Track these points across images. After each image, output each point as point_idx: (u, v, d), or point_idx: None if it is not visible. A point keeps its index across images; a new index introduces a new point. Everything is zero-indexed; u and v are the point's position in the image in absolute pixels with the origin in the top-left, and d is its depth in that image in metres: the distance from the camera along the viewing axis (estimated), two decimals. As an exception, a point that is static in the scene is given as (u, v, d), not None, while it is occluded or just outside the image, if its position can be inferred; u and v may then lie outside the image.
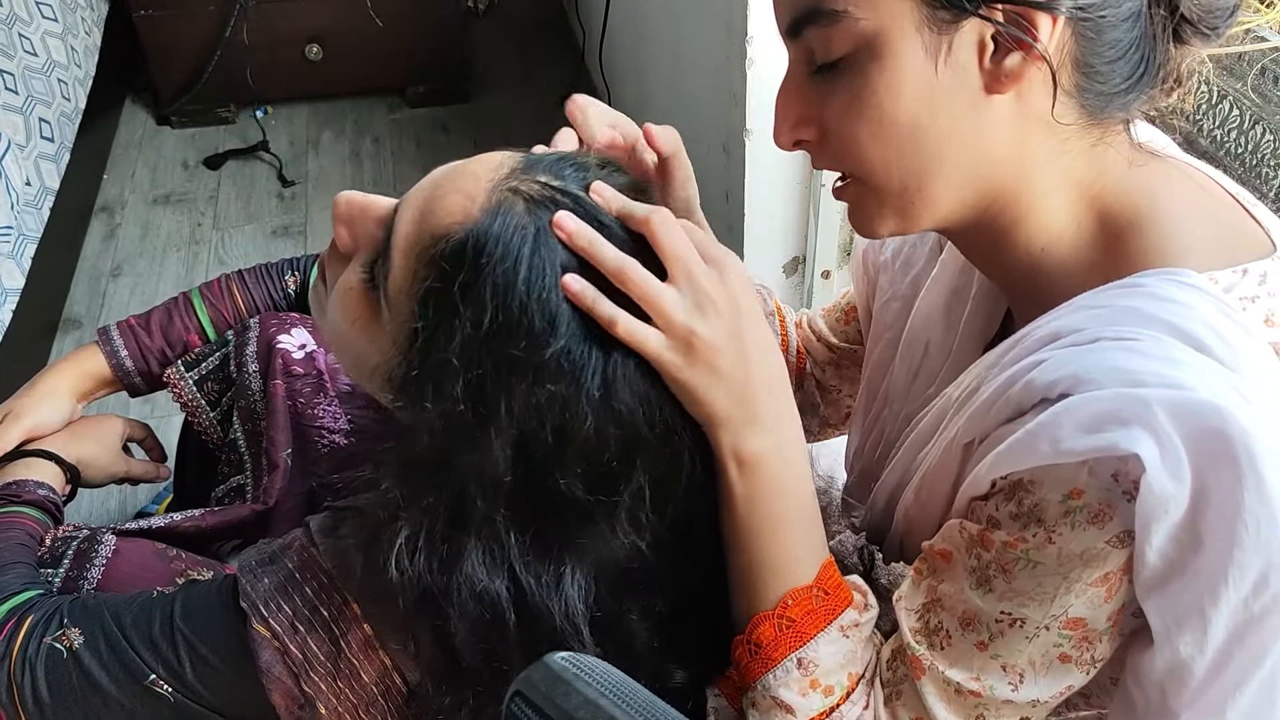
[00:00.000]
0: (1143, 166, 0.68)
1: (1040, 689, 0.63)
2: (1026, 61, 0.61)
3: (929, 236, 0.88)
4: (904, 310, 0.87)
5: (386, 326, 0.66)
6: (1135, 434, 0.55)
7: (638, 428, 0.63)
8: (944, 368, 0.81)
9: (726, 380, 0.64)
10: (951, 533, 0.66)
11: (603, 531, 0.64)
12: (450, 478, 0.62)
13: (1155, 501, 0.55)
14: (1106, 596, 0.60)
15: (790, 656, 0.65)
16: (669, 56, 1.90)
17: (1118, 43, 0.62)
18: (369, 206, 0.70)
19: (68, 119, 1.95)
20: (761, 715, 0.66)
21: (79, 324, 2.04)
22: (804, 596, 0.66)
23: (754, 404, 0.65)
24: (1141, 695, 0.61)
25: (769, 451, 0.66)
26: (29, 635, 0.74)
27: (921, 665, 0.65)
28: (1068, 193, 0.67)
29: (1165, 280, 0.62)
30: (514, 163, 0.66)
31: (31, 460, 0.99)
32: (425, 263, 0.64)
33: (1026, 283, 0.70)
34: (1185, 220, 0.66)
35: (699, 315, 0.63)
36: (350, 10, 2.47)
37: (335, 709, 0.69)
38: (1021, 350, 0.64)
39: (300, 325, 1.07)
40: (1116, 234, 0.67)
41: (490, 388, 0.61)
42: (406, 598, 0.64)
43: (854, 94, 0.63)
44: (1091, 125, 0.66)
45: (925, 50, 0.61)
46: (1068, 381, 0.59)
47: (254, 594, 0.70)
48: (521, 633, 0.64)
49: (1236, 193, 0.69)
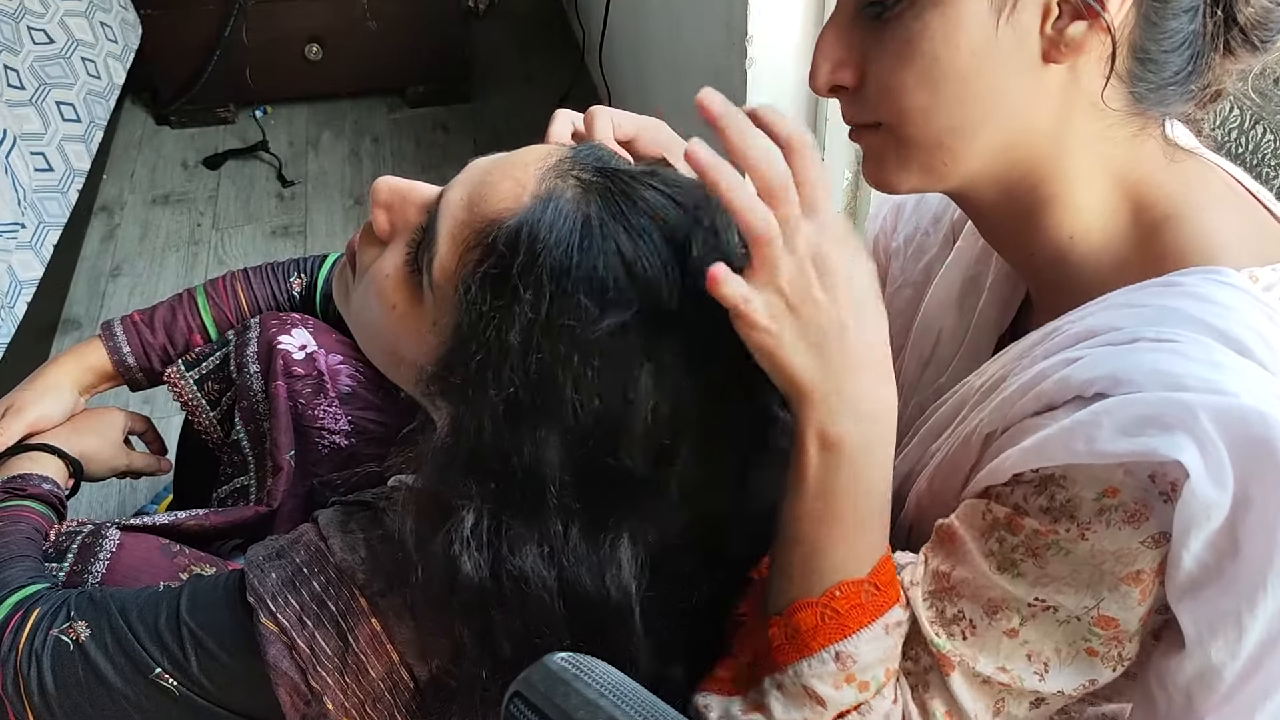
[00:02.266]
0: (1180, 163, 0.67)
1: (1064, 680, 0.62)
2: (1089, 33, 0.61)
3: (943, 223, 0.87)
4: (915, 298, 0.87)
5: (430, 313, 0.66)
6: (1179, 440, 0.54)
7: (693, 406, 0.63)
8: (956, 357, 0.80)
9: (818, 350, 0.59)
10: (973, 514, 0.64)
11: (657, 509, 0.64)
12: (507, 465, 0.62)
13: (1198, 507, 0.55)
14: (1141, 597, 0.59)
15: (829, 648, 0.62)
16: (669, 56, 1.90)
17: (1176, 33, 0.62)
18: (410, 192, 0.70)
19: (98, 97, 1.94)
20: (788, 700, 0.63)
21: (78, 324, 2.04)
22: (853, 590, 0.63)
23: (847, 381, 0.60)
24: (1165, 698, 0.61)
25: (853, 434, 0.61)
26: (35, 628, 0.74)
27: (950, 662, 0.63)
28: (1103, 181, 0.67)
29: (1205, 279, 0.61)
30: (563, 152, 0.67)
31: (35, 454, 0.99)
32: (477, 248, 0.64)
33: (1051, 271, 0.69)
34: (1221, 217, 0.65)
35: (801, 273, 0.58)
36: (350, 10, 2.47)
37: (342, 704, 0.69)
38: (1054, 345, 0.64)
39: (301, 326, 1.07)
40: (1151, 228, 0.66)
41: (551, 371, 0.61)
42: (443, 590, 0.63)
43: (907, 39, 0.62)
44: (1135, 115, 0.65)
45: (990, 5, 0.60)
46: (1105, 381, 0.58)
47: (261, 588, 0.69)
48: (573, 621, 0.63)
49: (1257, 191, 0.69)
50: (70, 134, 1.81)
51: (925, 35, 0.62)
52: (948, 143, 0.65)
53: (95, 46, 2.00)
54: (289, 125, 2.61)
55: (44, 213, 1.66)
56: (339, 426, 1.04)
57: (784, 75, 1.44)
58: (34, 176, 1.68)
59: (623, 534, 0.64)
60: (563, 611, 0.63)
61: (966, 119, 0.64)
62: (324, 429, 1.04)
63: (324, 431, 1.04)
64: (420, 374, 0.67)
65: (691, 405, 0.63)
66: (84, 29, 1.98)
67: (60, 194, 1.72)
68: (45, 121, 1.76)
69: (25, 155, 1.68)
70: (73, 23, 1.96)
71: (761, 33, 1.42)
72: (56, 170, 1.73)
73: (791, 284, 0.59)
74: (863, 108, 0.67)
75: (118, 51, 2.07)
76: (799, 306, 0.59)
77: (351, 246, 0.75)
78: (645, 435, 0.62)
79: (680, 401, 0.63)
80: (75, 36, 1.95)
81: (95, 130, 1.89)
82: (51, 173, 1.72)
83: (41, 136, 1.74)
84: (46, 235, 1.65)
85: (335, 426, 1.04)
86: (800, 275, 0.59)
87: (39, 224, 1.64)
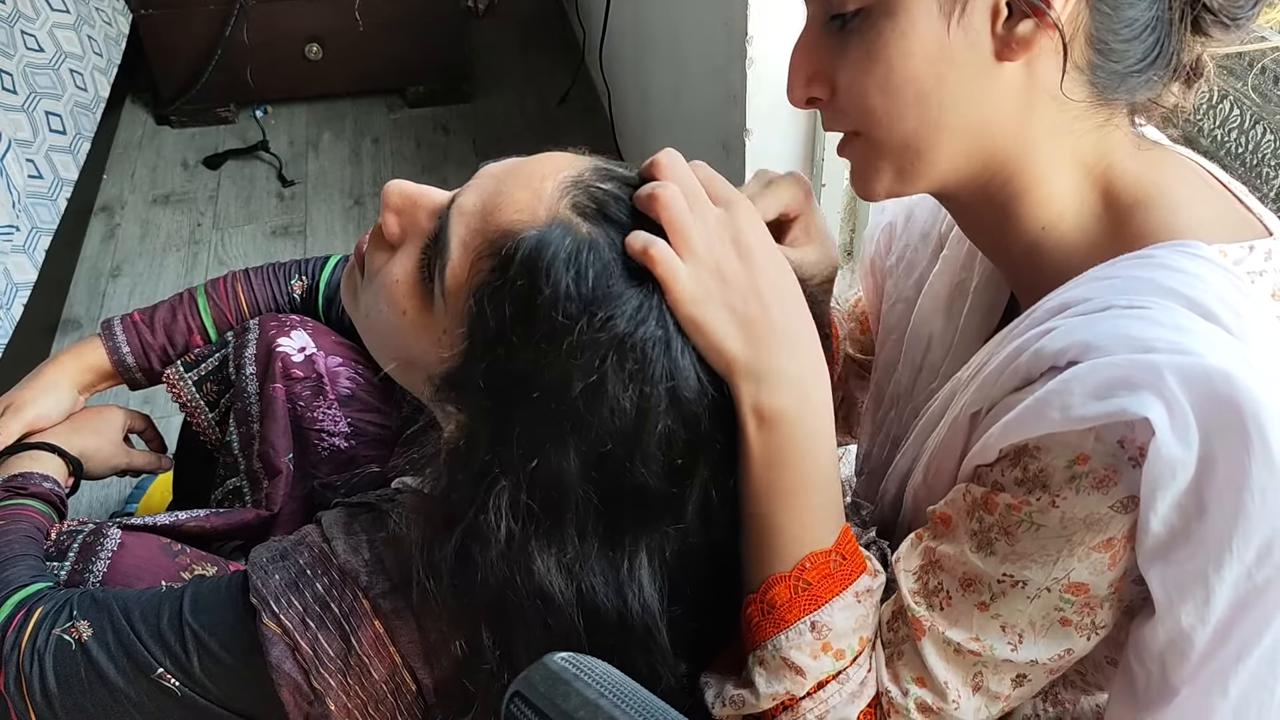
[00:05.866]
0: (1148, 151, 0.68)
1: (1039, 650, 0.63)
2: (1038, 30, 0.61)
3: (931, 238, 0.88)
4: (907, 312, 0.88)
5: (440, 320, 0.66)
6: (1145, 399, 0.55)
7: (702, 418, 0.63)
8: (946, 361, 0.81)
9: (742, 320, 0.63)
10: (956, 497, 0.67)
11: (674, 520, 0.64)
12: (520, 477, 0.62)
13: (1163, 466, 0.56)
14: (1110, 563, 0.60)
15: (804, 619, 0.65)
16: (669, 56, 1.90)
17: (1134, 21, 0.63)
18: (421, 197, 0.70)
19: (84, 109, 1.94)
20: (769, 674, 0.65)
21: (79, 324, 2.04)
22: (822, 561, 0.66)
23: (773, 353, 0.63)
24: (1143, 670, 0.61)
25: (789, 409, 0.64)
26: (38, 627, 0.74)
27: (922, 626, 0.66)
28: (1073, 171, 0.68)
29: (1177, 251, 0.62)
30: (579, 166, 0.66)
31: (35, 453, 0.99)
32: (490, 258, 0.63)
33: (1028, 262, 0.70)
34: (1191, 202, 0.66)
35: (722, 250, 0.63)
36: (350, 10, 2.47)
37: (345, 706, 0.69)
38: (1030, 321, 0.65)
39: (300, 328, 1.07)
40: (1122, 214, 0.67)
41: (563, 391, 0.61)
42: (455, 599, 0.64)
43: (865, 49, 0.64)
44: (1100, 105, 0.66)
45: (939, 10, 0.62)
46: (1077, 349, 0.59)
47: (265, 589, 0.69)
48: (592, 634, 0.63)
49: (1229, 183, 0.70)
50: (56, 144, 1.82)
51: (880, 44, 0.63)
52: (914, 144, 0.66)
53: (83, 59, 2.01)
54: (289, 125, 2.61)
55: (36, 218, 1.67)
56: (338, 429, 1.04)
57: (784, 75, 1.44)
58: (27, 182, 1.69)
59: (640, 549, 0.64)
60: (582, 625, 0.63)
61: (928, 120, 0.65)
62: (323, 431, 1.04)
63: (323, 434, 1.04)
64: (430, 380, 0.67)
65: (706, 423, 0.64)
66: (72, 42, 1.99)
67: (50, 201, 1.73)
68: (35, 130, 1.77)
69: (20, 160, 1.69)
70: (61, 35, 1.97)
71: (761, 33, 1.42)
72: (46, 178, 1.75)
73: (711, 255, 0.63)
74: (838, 117, 0.69)
75: (103, 65, 2.08)
76: (721, 278, 0.63)
77: (360, 248, 0.74)
78: (662, 452, 0.62)
79: (695, 420, 0.63)
80: (64, 49, 1.96)
81: (82, 142, 1.90)
82: (42, 180, 1.73)
83: (31, 144, 1.74)
84: (39, 240, 1.66)
85: (335, 429, 1.04)
86: (720, 247, 0.64)
87: (32, 228, 1.65)
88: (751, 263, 0.64)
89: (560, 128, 2.58)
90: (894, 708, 0.66)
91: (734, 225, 0.65)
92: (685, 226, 0.63)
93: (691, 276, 0.62)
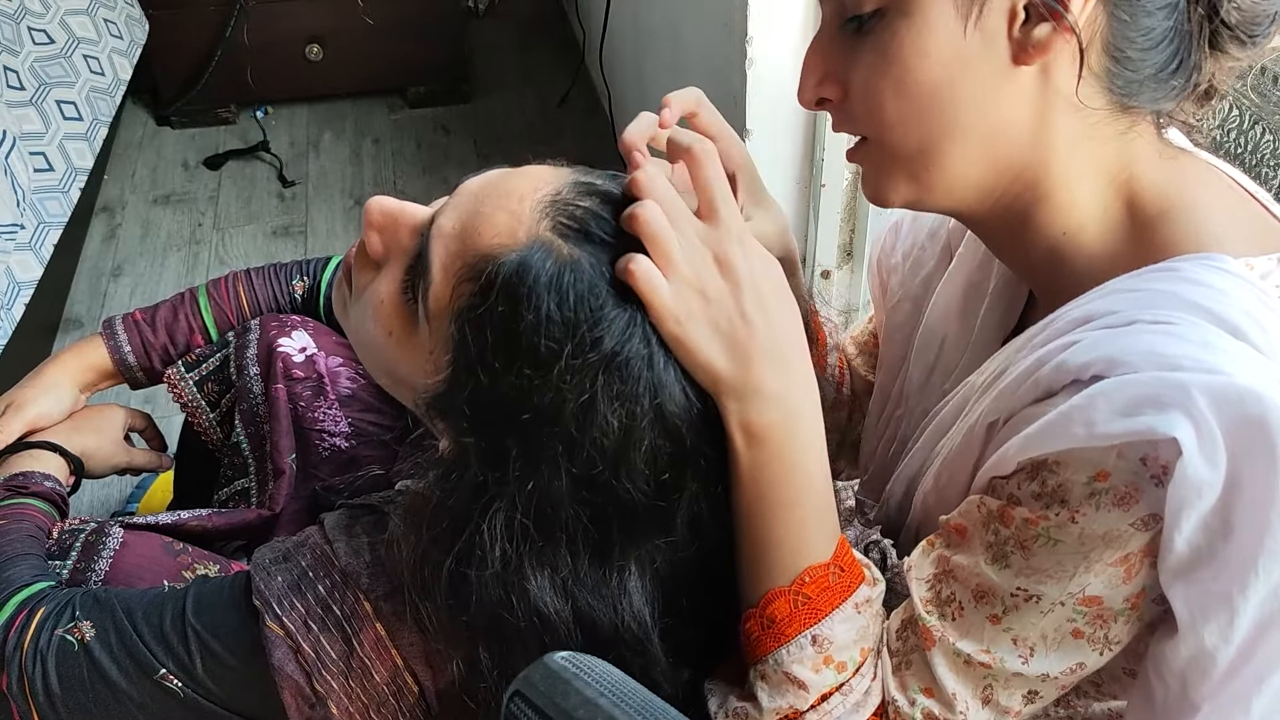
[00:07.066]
0: (1173, 159, 0.68)
1: (1050, 663, 0.63)
2: (1055, 34, 0.61)
3: (939, 237, 0.88)
4: (915, 310, 0.87)
5: (425, 342, 0.66)
6: (1173, 418, 0.55)
7: (688, 433, 0.63)
8: (961, 362, 0.81)
9: (726, 338, 0.62)
10: (970, 508, 0.66)
11: (663, 533, 0.64)
12: (510, 495, 0.62)
13: (1189, 486, 0.55)
14: (1125, 577, 0.60)
15: (805, 633, 0.64)
16: (669, 57, 1.91)
17: (1151, 30, 0.63)
18: (401, 214, 0.69)
19: (101, 94, 1.93)
20: (772, 689, 0.65)
21: (79, 324, 2.04)
22: (821, 574, 0.65)
23: (759, 370, 0.62)
24: (1162, 686, 0.61)
25: (777, 424, 0.63)
26: (40, 627, 0.74)
27: (933, 636, 0.65)
28: (1095, 178, 0.67)
29: (1202, 265, 0.61)
30: (557, 182, 0.65)
31: (36, 452, 0.99)
32: (470, 281, 0.63)
33: (1048, 268, 0.70)
34: (1217, 211, 0.66)
35: (705, 267, 0.62)
36: (350, 10, 2.47)
37: (346, 708, 0.69)
38: (1052, 332, 0.64)
39: (300, 328, 1.07)
40: (1146, 223, 0.66)
41: (548, 415, 0.61)
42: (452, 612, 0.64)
43: (880, 51, 0.64)
44: (1120, 113, 0.66)
45: (956, 12, 0.62)
46: (1101, 364, 0.59)
47: (267, 591, 0.69)
48: (589, 649, 0.63)
49: (1256, 192, 0.70)
50: (72, 132, 1.80)
51: (896, 45, 0.63)
52: (929, 149, 0.66)
53: (99, 43, 1.99)
54: (290, 125, 2.61)
55: (44, 213, 1.66)
56: (339, 429, 1.04)
57: (784, 75, 1.44)
58: (33, 177, 1.68)
59: (630, 563, 0.64)
60: (580, 641, 0.63)
61: (944, 124, 0.65)
62: (324, 431, 1.04)
63: (324, 434, 1.04)
64: (418, 401, 0.66)
65: (693, 437, 0.63)
66: (86, 27, 1.98)
67: (62, 193, 1.71)
68: (46, 121, 1.76)
69: (25, 156, 1.68)
70: (74, 21, 1.96)
71: (761, 33, 1.42)
72: (57, 170, 1.73)
73: (693, 271, 0.62)
74: (849, 120, 0.69)
75: (124, 47, 2.06)
76: (704, 295, 0.62)
77: (348, 261, 0.74)
78: (649, 467, 0.62)
79: (681, 434, 0.63)
80: (76, 35, 1.94)
81: (99, 127, 1.88)
82: (52, 172, 1.72)
83: (42, 136, 1.74)
84: (46, 235, 1.65)
85: (335, 429, 1.04)
86: (702, 264, 0.62)
87: (39, 224, 1.64)
88: (735, 278, 0.63)
89: (560, 128, 2.58)
90: (900, 717, 0.65)
91: (717, 241, 0.63)
92: (667, 244, 0.61)
93: (674, 294, 0.61)
